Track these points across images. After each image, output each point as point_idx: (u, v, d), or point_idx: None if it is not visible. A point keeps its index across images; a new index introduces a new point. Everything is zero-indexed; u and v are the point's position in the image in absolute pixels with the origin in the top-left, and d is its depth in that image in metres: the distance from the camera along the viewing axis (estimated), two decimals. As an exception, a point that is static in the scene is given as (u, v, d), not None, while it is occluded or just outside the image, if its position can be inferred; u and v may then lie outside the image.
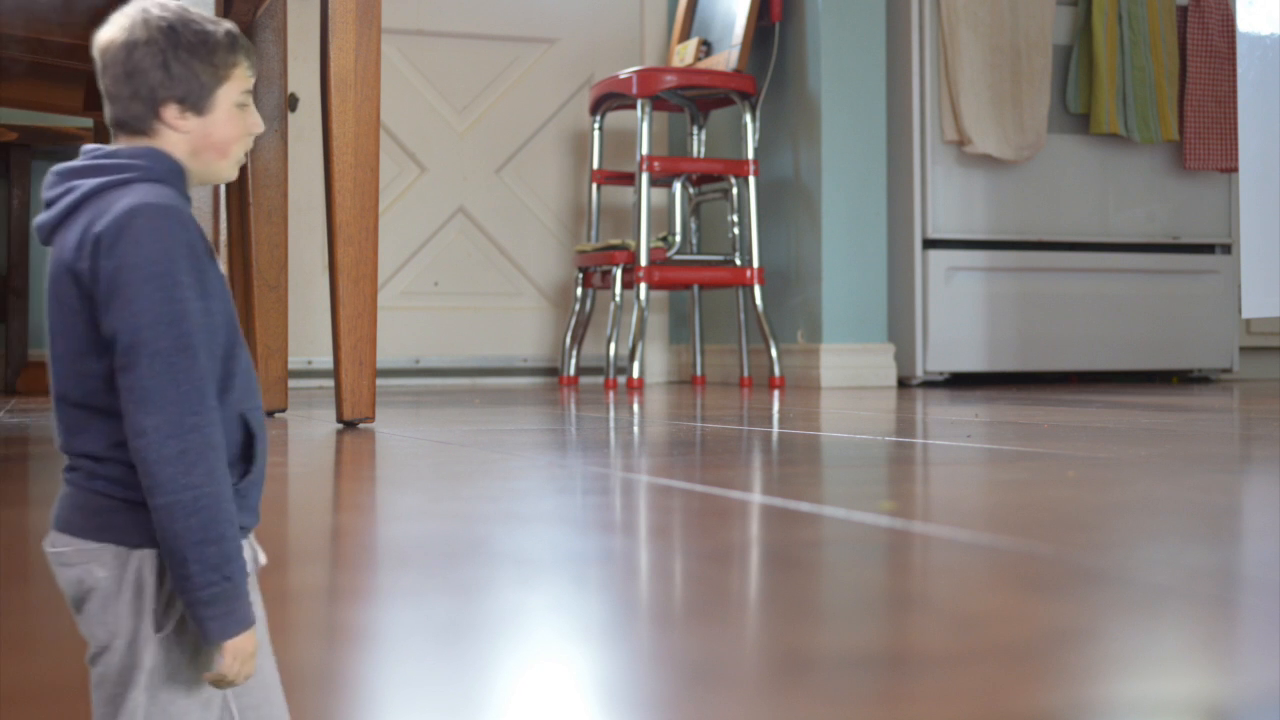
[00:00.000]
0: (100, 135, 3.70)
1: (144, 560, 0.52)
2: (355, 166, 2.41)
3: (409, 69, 5.04)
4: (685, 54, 4.71)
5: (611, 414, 2.93)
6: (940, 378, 4.45)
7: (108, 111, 0.54)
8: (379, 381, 4.64)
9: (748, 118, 4.44)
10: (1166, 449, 1.87)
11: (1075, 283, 4.58)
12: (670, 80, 4.42)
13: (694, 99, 4.68)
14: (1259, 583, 0.92)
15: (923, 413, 2.89)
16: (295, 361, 4.69)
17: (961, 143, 4.36)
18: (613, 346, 4.38)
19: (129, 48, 0.53)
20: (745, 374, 4.61)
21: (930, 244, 4.39)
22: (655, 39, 5.24)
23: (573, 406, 3.26)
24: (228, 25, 0.55)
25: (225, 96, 0.54)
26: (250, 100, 0.55)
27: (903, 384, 4.45)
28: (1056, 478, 1.52)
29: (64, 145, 4.38)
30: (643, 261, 4.28)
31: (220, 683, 0.51)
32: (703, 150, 4.79)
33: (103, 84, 0.54)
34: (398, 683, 0.68)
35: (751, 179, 4.42)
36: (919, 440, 2.14)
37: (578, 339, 4.67)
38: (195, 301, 0.50)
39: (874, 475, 1.65)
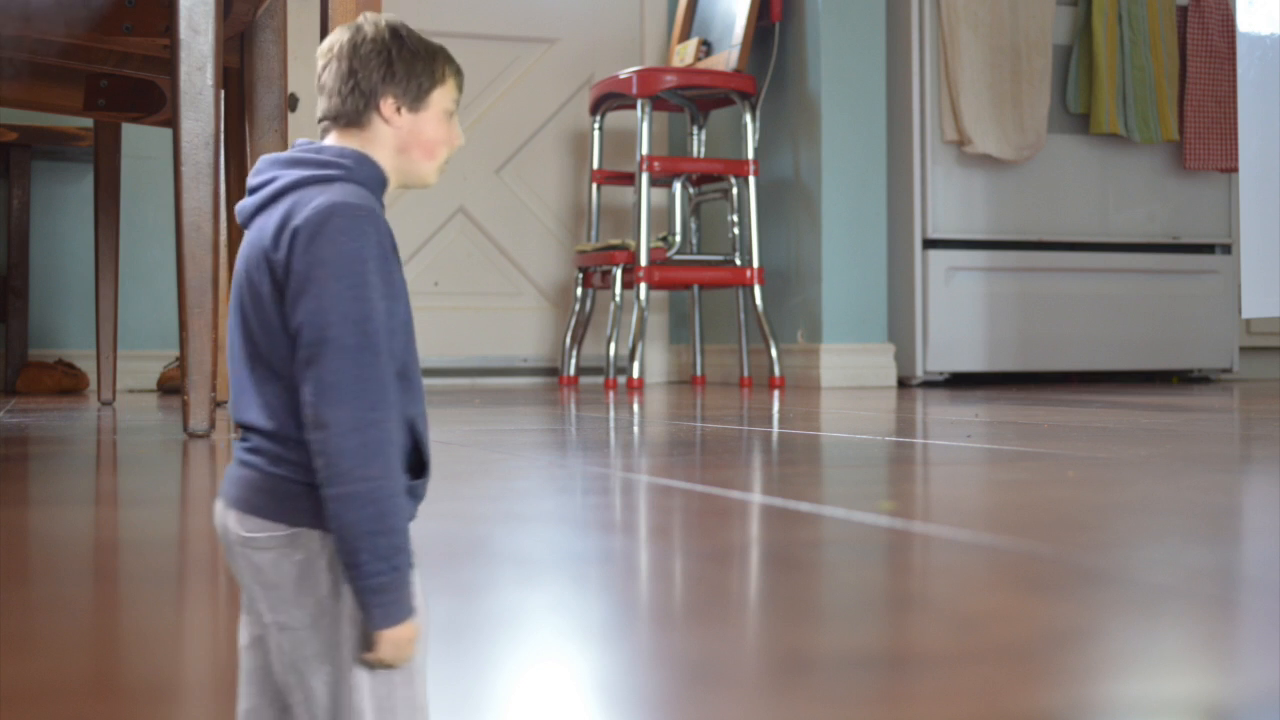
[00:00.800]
0: (100, 135, 3.69)
1: (333, 542, 0.53)
2: (355, 166, 2.41)
3: (409, 69, 5.04)
4: (685, 54, 4.71)
5: (611, 414, 2.93)
6: (940, 378, 4.45)
7: (323, 106, 0.56)
8: (379, 381, 4.63)
9: (748, 118, 4.44)
10: (1166, 449, 1.87)
11: (1075, 283, 4.58)
12: (670, 80, 4.42)
13: (694, 99, 4.68)
14: (1259, 583, 0.92)
15: (923, 413, 2.89)
16: (295, 361, 4.68)
17: (961, 143, 4.36)
18: (613, 346, 4.38)
19: (354, 45, 0.56)
20: (745, 374, 4.61)
21: (930, 244, 4.39)
22: (655, 39, 5.24)
23: (573, 406, 3.26)
24: (441, 45, 0.58)
25: (438, 100, 0.57)
26: (457, 112, 0.58)
27: (903, 384, 4.45)
28: (1056, 478, 1.52)
29: (64, 145, 4.37)
30: (643, 261, 4.28)
31: (378, 665, 0.53)
32: (703, 150, 4.79)
33: (322, 81, 0.57)
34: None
35: (751, 179, 4.42)
36: (919, 440, 2.14)
37: (578, 339, 4.67)
38: (381, 302, 0.52)
39: (874, 475, 1.65)
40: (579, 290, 4.69)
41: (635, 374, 4.24)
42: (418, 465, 0.55)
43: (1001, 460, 1.75)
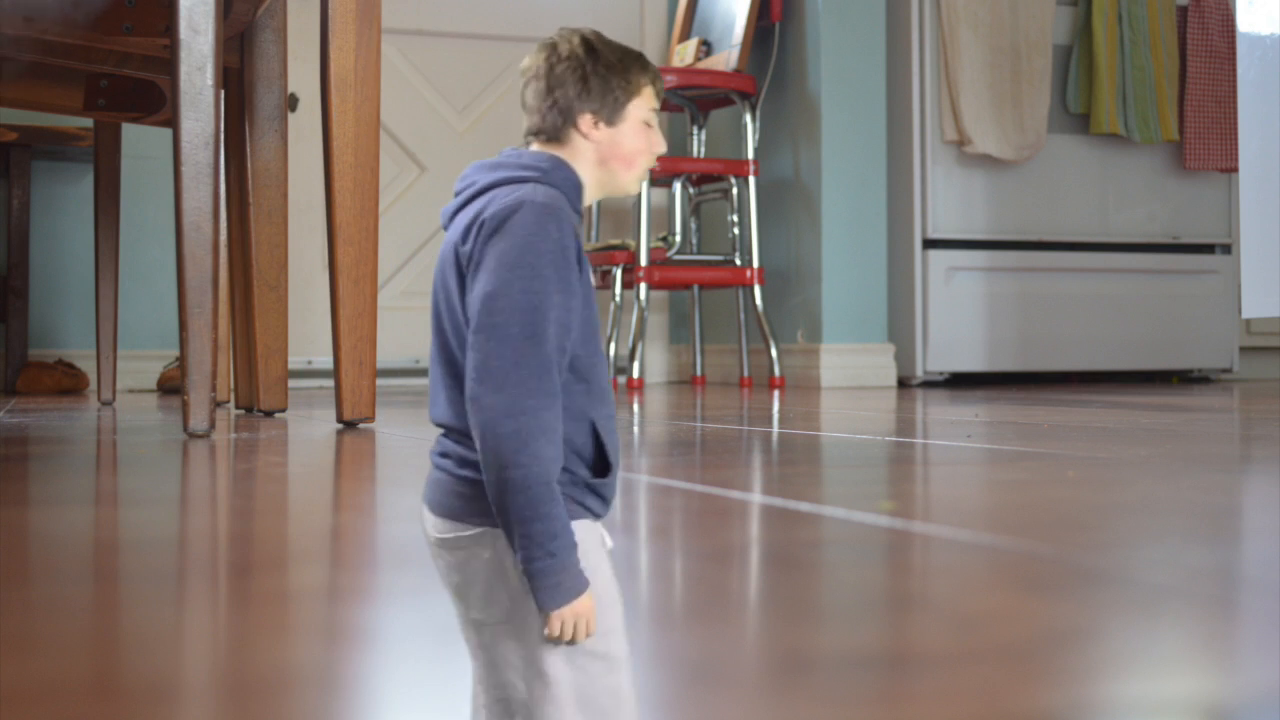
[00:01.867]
0: (100, 135, 3.69)
1: None
2: (355, 166, 2.41)
3: (409, 69, 5.04)
4: (685, 54, 4.71)
5: (611, 414, 2.92)
6: (940, 378, 4.45)
7: (526, 122, 0.58)
8: (379, 381, 4.64)
9: (748, 118, 4.44)
10: (1166, 449, 1.87)
11: (1075, 283, 4.58)
12: (670, 80, 4.42)
13: (694, 99, 4.68)
14: (1259, 583, 0.92)
15: (923, 413, 2.89)
16: (295, 361, 4.69)
17: (961, 143, 4.36)
18: (613, 346, 4.38)
19: (550, 65, 0.58)
20: (745, 374, 4.61)
21: (930, 244, 4.39)
22: (655, 39, 5.24)
23: (573, 406, 3.25)
24: (639, 52, 0.59)
25: (635, 111, 0.58)
26: (655, 120, 0.59)
27: (903, 384, 4.45)
28: (1056, 478, 1.52)
29: (64, 145, 4.37)
30: (643, 261, 4.28)
31: (559, 642, 0.54)
32: (703, 150, 4.79)
33: (524, 97, 0.59)
34: (398, 683, 0.68)
35: (751, 179, 4.42)
36: (919, 440, 2.14)
37: (578, 339, 4.67)
38: (554, 295, 0.53)
39: (874, 475, 1.65)
40: (579, 290, 4.68)
41: (635, 374, 4.24)
42: (601, 465, 0.56)
43: (1001, 460, 1.75)
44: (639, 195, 4.31)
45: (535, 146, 0.58)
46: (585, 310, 0.54)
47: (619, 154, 0.57)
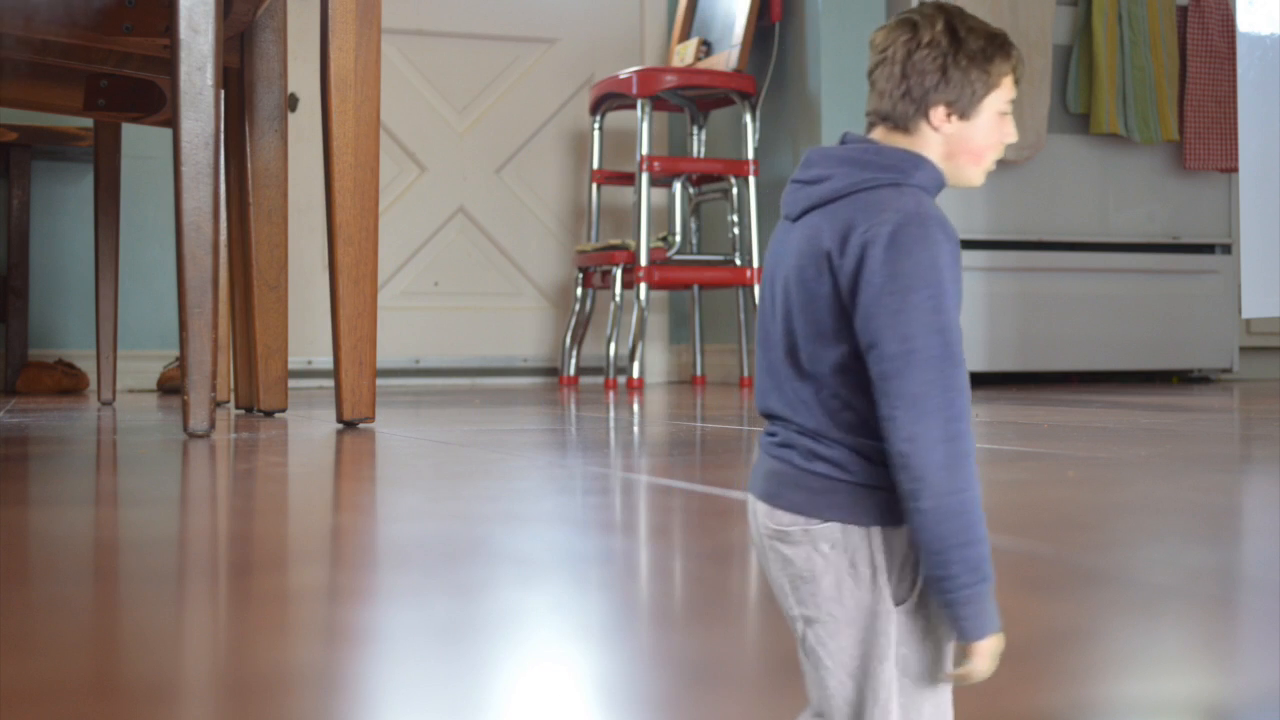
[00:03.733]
0: (100, 135, 3.69)
1: (872, 537, 0.53)
2: (355, 166, 2.41)
3: (409, 69, 5.04)
4: (685, 54, 4.71)
5: (611, 414, 2.93)
6: (940, 378, 4.44)
7: (873, 102, 0.55)
8: (379, 381, 4.64)
9: (748, 118, 4.44)
10: (1166, 449, 1.87)
11: (1075, 283, 4.58)
12: (670, 80, 4.42)
13: (694, 99, 4.68)
14: (1259, 583, 0.92)
15: (923, 413, 2.88)
16: (295, 361, 4.69)
17: (961, 143, 4.36)
18: (613, 346, 4.38)
19: (909, 50, 0.54)
20: (745, 374, 4.61)
21: (930, 244, 4.38)
22: (655, 39, 5.24)
23: (573, 406, 3.26)
24: (1002, 33, 0.55)
25: (991, 104, 0.55)
26: (1010, 110, 0.56)
27: (903, 384, 4.44)
28: (1056, 478, 1.51)
29: (64, 145, 4.37)
30: (643, 261, 4.28)
31: (964, 680, 0.52)
32: (703, 150, 4.79)
33: (873, 77, 0.55)
34: (398, 683, 0.68)
35: (751, 179, 4.42)
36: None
37: (578, 339, 4.67)
38: (955, 312, 0.51)
39: (874, 475, 1.65)
40: (579, 290, 4.68)
41: (635, 374, 4.24)
42: None
43: (1001, 460, 1.75)
44: (639, 195, 4.31)
45: (879, 132, 0.55)
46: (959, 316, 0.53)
47: (969, 148, 0.55)
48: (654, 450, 2.02)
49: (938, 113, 0.54)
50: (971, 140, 0.55)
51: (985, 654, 0.52)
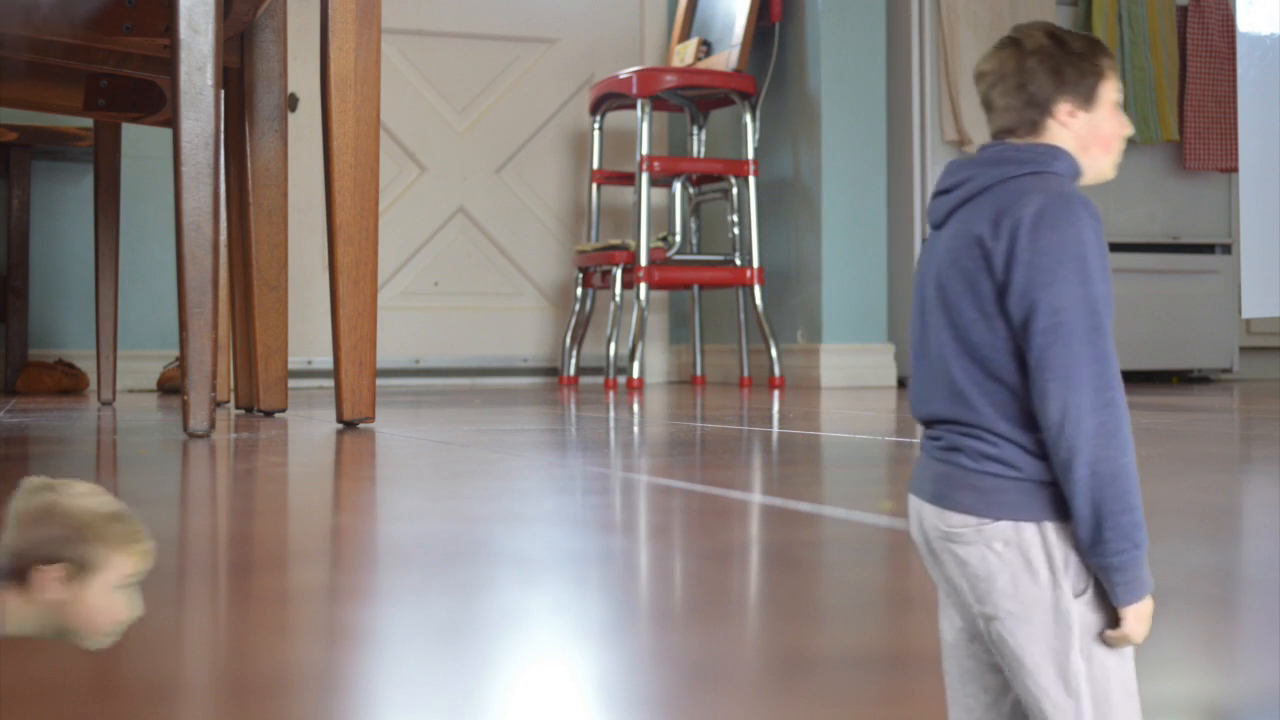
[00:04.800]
0: (100, 135, 3.69)
1: (1045, 532, 0.54)
2: (355, 166, 2.41)
3: (409, 69, 5.04)
4: (685, 54, 4.71)
5: (611, 414, 2.93)
6: (940, 378, 4.44)
7: (996, 122, 0.57)
8: (379, 381, 4.64)
9: (748, 118, 4.44)
10: (1166, 449, 1.87)
11: (1075, 283, 4.57)
12: (670, 80, 4.42)
13: (694, 99, 4.68)
14: (1259, 583, 0.92)
15: (923, 413, 2.88)
16: (295, 361, 4.69)
17: (961, 143, 4.36)
18: (613, 346, 4.38)
19: (1019, 61, 0.56)
20: (745, 374, 4.61)
21: (930, 244, 4.38)
22: (655, 39, 5.24)
23: (573, 406, 3.26)
24: (1094, 36, 0.59)
25: (1106, 93, 0.57)
26: (1120, 100, 0.58)
27: (903, 384, 4.45)
28: (1056, 478, 1.51)
29: (64, 145, 4.37)
30: (643, 261, 4.28)
31: (1122, 641, 0.54)
32: (703, 150, 4.79)
33: (989, 98, 0.57)
34: (398, 683, 0.68)
35: (751, 179, 4.42)
36: (920, 440, 2.14)
37: (578, 339, 4.67)
38: (1103, 284, 0.53)
39: (874, 475, 1.65)
40: (579, 290, 4.69)
41: (635, 374, 4.24)
42: None
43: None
44: (639, 195, 4.31)
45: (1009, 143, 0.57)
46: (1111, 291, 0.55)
47: (1099, 138, 0.57)
48: (654, 450, 2.02)
49: (1062, 109, 0.56)
50: (1100, 129, 0.57)
51: (1140, 617, 0.53)
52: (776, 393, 3.93)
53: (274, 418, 2.76)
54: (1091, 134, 0.57)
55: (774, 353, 4.32)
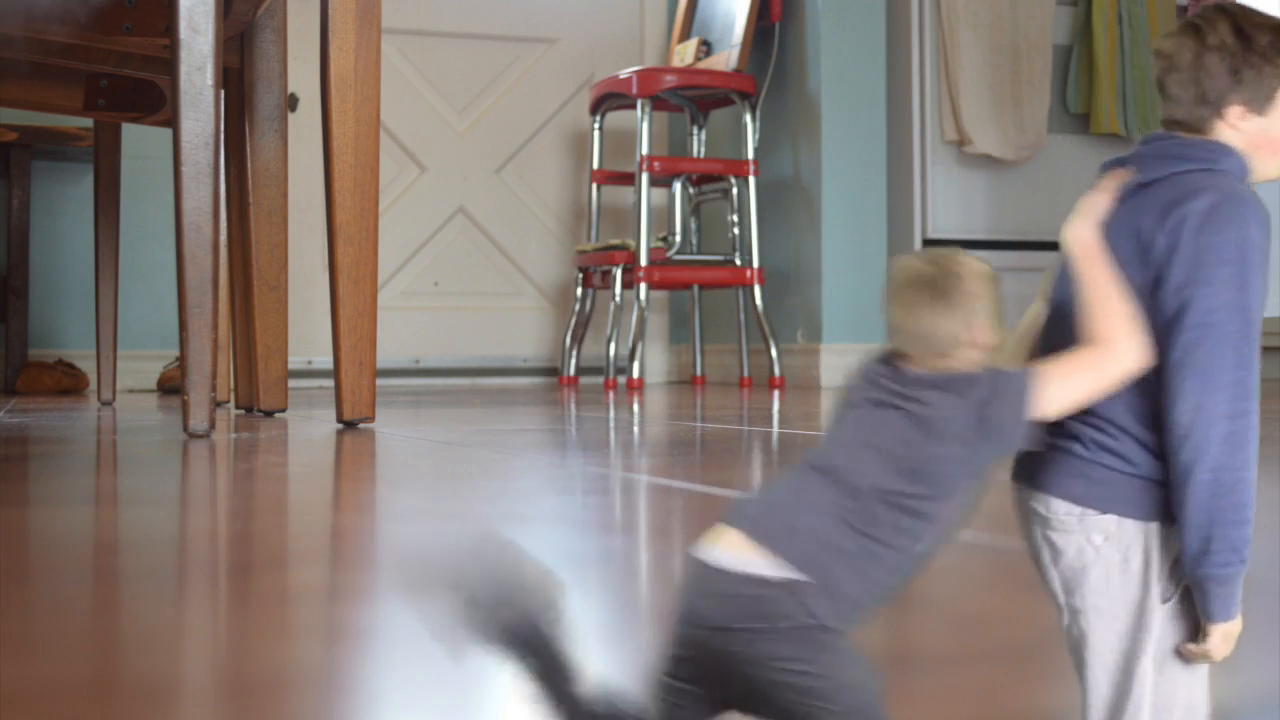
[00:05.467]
0: (100, 135, 3.69)
1: (1149, 533, 0.52)
2: (355, 166, 2.41)
3: (409, 69, 5.04)
4: (685, 54, 4.71)
5: (611, 414, 2.93)
6: (940, 378, 4.45)
7: (1167, 109, 0.56)
8: (379, 381, 4.63)
9: (748, 118, 4.44)
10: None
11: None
12: (670, 80, 4.42)
13: (694, 99, 4.68)
14: (1259, 583, 0.92)
15: (923, 413, 2.88)
16: (295, 361, 4.69)
17: (961, 143, 4.36)
18: (613, 346, 4.38)
19: (1197, 54, 0.54)
20: (745, 374, 4.61)
21: (930, 244, 4.38)
22: (655, 39, 5.24)
23: (573, 406, 3.26)
24: None
25: None
26: None
27: (903, 384, 4.44)
28: (1056, 478, 1.51)
29: (64, 145, 4.37)
30: (643, 261, 4.28)
31: (1202, 657, 0.53)
32: (703, 150, 4.79)
33: (1164, 84, 0.56)
34: (398, 683, 0.68)
35: (751, 179, 4.42)
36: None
37: (578, 339, 4.67)
38: (1259, 293, 0.52)
39: (874, 475, 1.65)
40: (579, 290, 4.69)
41: (635, 374, 4.24)
42: None
43: (1001, 459, 1.74)
44: (639, 195, 4.31)
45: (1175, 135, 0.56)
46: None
47: (1269, 140, 0.55)
48: (654, 450, 2.02)
49: (1234, 112, 0.54)
50: (1270, 133, 0.55)
51: (1227, 635, 0.52)
52: (776, 393, 3.93)
53: (274, 418, 2.76)
54: (1262, 137, 0.55)
55: (774, 353, 4.32)
